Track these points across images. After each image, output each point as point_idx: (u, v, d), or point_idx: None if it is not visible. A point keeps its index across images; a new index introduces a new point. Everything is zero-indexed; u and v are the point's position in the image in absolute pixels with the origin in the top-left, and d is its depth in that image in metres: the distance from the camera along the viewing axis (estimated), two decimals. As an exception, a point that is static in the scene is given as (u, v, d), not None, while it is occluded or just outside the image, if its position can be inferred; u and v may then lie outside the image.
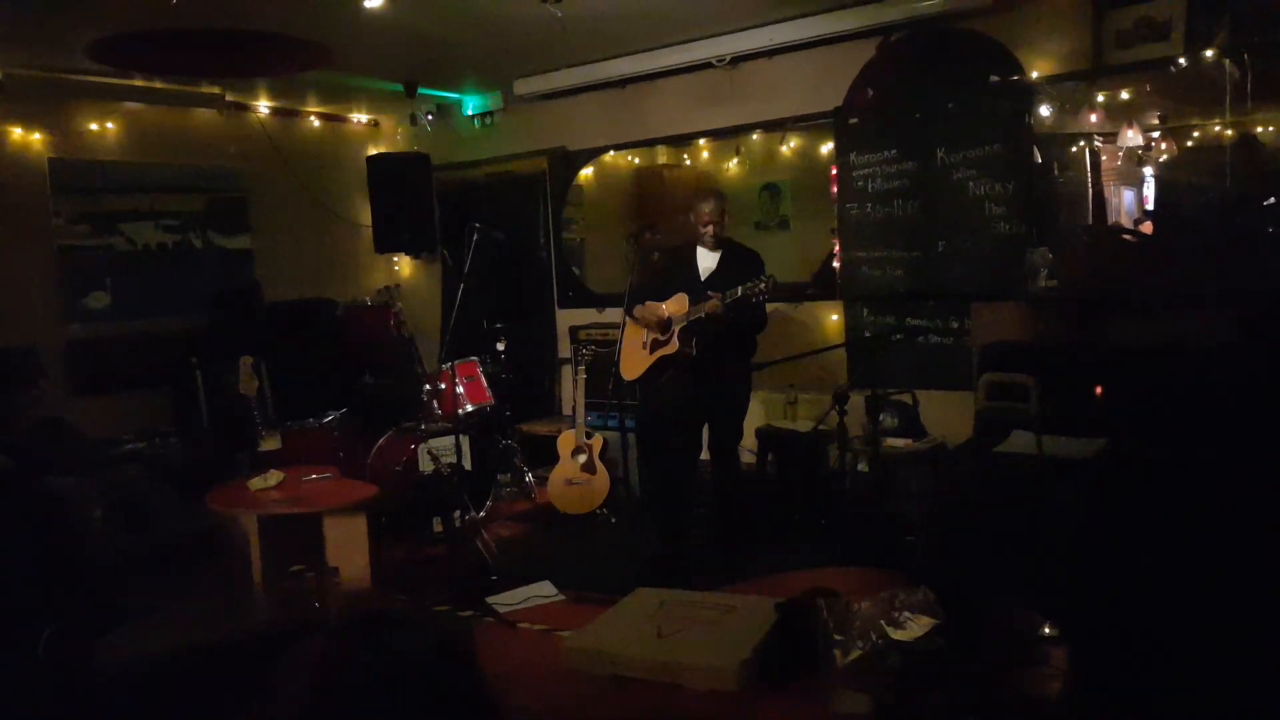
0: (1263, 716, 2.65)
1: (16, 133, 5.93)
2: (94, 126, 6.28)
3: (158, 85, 6.41)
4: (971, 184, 5.41)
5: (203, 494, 4.73)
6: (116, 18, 4.91)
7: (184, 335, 6.42)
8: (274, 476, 4.69)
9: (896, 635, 2.05)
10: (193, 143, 6.75)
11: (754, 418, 5.98)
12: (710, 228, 4.78)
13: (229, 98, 6.79)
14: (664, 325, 4.79)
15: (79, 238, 6.20)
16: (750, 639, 2.21)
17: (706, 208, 4.79)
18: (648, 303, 4.89)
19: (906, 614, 2.10)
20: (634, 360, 4.97)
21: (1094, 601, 3.17)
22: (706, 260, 4.87)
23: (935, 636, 2.05)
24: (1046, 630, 2.36)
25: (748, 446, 5.70)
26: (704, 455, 5.04)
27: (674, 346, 4.73)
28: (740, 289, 4.43)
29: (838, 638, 2.04)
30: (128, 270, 6.41)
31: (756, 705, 2.06)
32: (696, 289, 4.73)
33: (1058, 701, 2.11)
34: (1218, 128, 4.84)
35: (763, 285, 4.39)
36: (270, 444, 5.12)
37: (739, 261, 4.81)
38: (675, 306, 4.77)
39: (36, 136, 6.00)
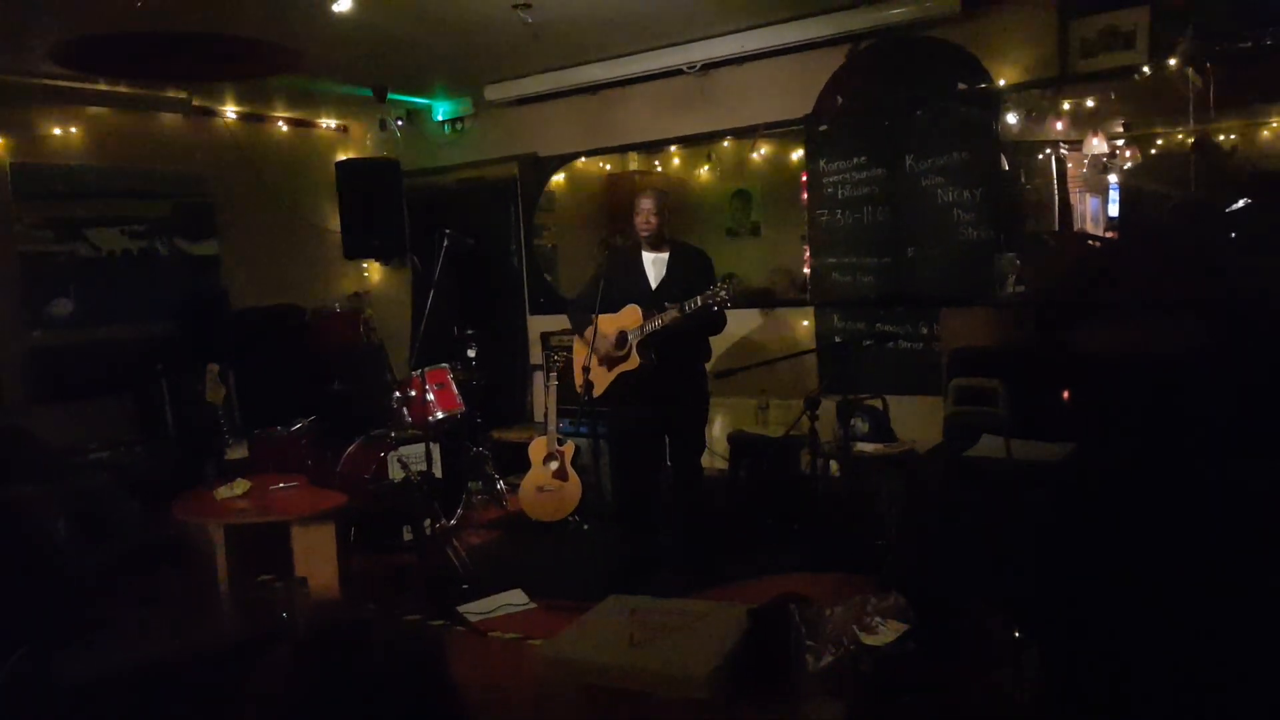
0: (1230, 714, 2.68)
1: (-23, 136, 5.83)
2: (58, 131, 6.17)
3: (123, 89, 6.33)
4: (940, 191, 5.44)
5: (169, 503, 4.67)
6: (80, 20, 4.84)
7: (149, 342, 6.31)
8: (241, 485, 4.64)
9: (868, 640, 2.06)
10: (159, 148, 6.66)
11: (725, 424, 6.00)
12: (647, 222, 4.61)
13: (195, 102, 6.71)
14: (620, 343, 4.59)
15: (42, 244, 6.09)
16: (722, 646, 2.21)
17: (644, 204, 4.64)
18: (597, 320, 4.64)
19: (878, 619, 2.11)
20: (593, 377, 4.79)
21: (1063, 604, 3.20)
22: (655, 265, 4.68)
23: (907, 641, 2.06)
24: (1016, 633, 2.37)
25: (719, 452, 5.71)
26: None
27: (635, 362, 4.55)
28: (700, 298, 4.30)
29: (810, 644, 2.05)
30: (92, 277, 6.31)
31: (728, 713, 2.06)
32: (647, 298, 4.58)
33: (1028, 703, 2.12)
34: (1181, 135, 4.91)
35: (724, 293, 4.26)
36: (237, 452, 5.08)
37: (688, 265, 4.67)
38: (628, 320, 4.57)
39: (-2, 141, 5.91)
